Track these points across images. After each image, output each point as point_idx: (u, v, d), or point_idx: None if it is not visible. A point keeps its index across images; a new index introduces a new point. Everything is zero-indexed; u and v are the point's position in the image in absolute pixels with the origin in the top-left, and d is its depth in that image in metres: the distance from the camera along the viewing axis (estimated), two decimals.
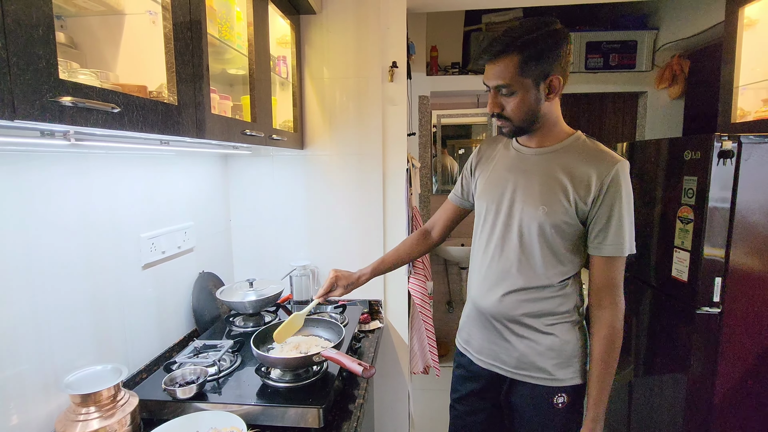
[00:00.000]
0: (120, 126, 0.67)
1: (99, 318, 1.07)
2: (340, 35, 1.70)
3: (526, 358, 1.05)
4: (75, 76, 0.72)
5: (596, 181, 0.95)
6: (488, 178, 1.13)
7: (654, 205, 1.50)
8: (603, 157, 0.97)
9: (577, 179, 0.97)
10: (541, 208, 0.99)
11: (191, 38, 0.87)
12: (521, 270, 1.04)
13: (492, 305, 1.09)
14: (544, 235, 1.00)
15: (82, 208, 1.02)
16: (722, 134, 1.17)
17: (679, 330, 1.37)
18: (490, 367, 1.12)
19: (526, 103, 0.96)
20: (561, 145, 1.02)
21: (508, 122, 1.01)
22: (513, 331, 1.07)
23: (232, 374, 1.17)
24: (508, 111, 0.99)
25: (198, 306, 1.48)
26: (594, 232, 0.98)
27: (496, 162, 1.13)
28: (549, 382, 1.04)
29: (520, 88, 0.95)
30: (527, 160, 1.06)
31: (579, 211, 0.97)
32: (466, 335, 1.20)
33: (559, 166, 1.00)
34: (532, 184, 1.02)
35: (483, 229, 1.13)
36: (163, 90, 0.85)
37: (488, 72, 0.98)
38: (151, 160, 1.29)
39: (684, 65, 2.64)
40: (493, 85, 0.98)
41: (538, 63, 0.92)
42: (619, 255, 0.96)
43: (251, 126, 1.22)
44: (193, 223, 1.50)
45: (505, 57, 0.94)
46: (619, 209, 0.95)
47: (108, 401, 0.91)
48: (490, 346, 1.11)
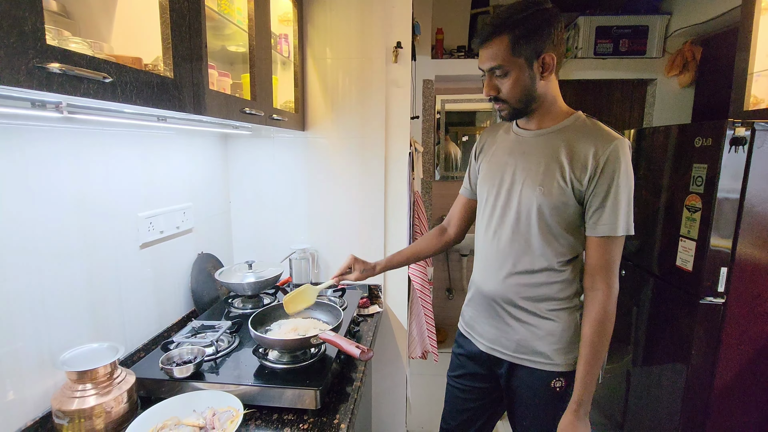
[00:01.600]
0: (113, 97, 0.65)
1: (96, 296, 1.06)
2: (343, 13, 1.65)
3: (525, 342, 1.06)
4: (66, 43, 0.69)
5: (592, 159, 0.93)
6: (489, 163, 1.13)
7: (660, 193, 1.48)
8: (600, 134, 0.95)
9: (575, 158, 0.96)
10: (539, 188, 0.99)
11: (188, 9, 0.84)
12: (520, 252, 1.04)
13: (493, 288, 1.09)
14: (542, 216, 1.00)
15: (77, 185, 1.00)
16: (735, 120, 1.14)
17: (681, 320, 1.36)
18: (491, 351, 1.12)
19: (521, 83, 0.96)
20: (560, 126, 1.01)
21: (505, 104, 1.01)
22: (513, 315, 1.07)
23: (230, 355, 1.17)
24: (503, 93, 0.99)
25: (197, 287, 1.47)
26: (590, 211, 0.97)
27: (497, 147, 1.13)
28: (548, 366, 1.05)
29: (514, 68, 0.95)
30: (526, 143, 1.05)
31: (575, 190, 0.96)
32: (468, 318, 1.20)
33: (557, 147, 0.99)
34: (531, 166, 1.02)
35: (484, 213, 1.13)
36: (159, 63, 0.82)
37: (481, 56, 0.99)
38: (149, 138, 1.27)
39: (696, 52, 2.57)
40: (487, 68, 0.98)
41: (530, 42, 0.92)
42: (614, 234, 0.94)
43: (251, 104, 1.19)
44: (192, 204, 1.49)
45: (496, 38, 0.94)
46: (616, 188, 0.93)
47: (104, 379, 0.91)
48: (491, 330, 1.12)
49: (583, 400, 0.99)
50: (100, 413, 0.89)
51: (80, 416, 0.87)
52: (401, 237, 1.76)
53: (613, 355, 1.87)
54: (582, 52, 2.72)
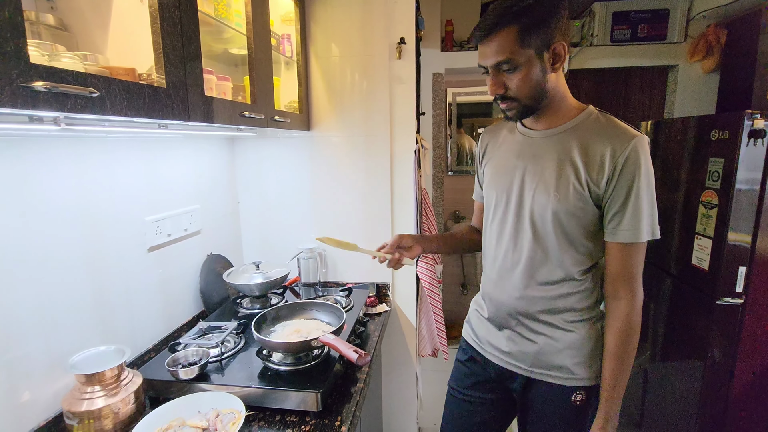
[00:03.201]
0: (101, 111, 0.66)
1: (105, 300, 1.10)
2: (346, 10, 1.63)
3: (544, 356, 1.00)
4: (58, 59, 0.71)
5: (610, 160, 0.87)
6: (496, 166, 1.06)
7: (676, 189, 1.41)
8: (617, 132, 0.89)
9: (590, 159, 0.89)
10: (554, 194, 0.92)
11: (180, 17, 0.84)
12: (537, 262, 0.97)
13: (509, 301, 1.03)
14: (559, 223, 0.93)
15: (82, 192, 1.02)
16: (754, 112, 1.07)
17: (697, 320, 1.30)
18: (504, 364, 1.06)
19: (532, 77, 0.88)
20: (571, 124, 0.94)
21: (514, 103, 0.92)
22: (531, 328, 1.01)
23: (236, 356, 1.19)
24: (513, 90, 0.90)
25: (206, 288, 1.50)
26: (609, 215, 0.90)
27: (503, 149, 1.06)
28: (568, 381, 0.99)
29: (523, 61, 0.86)
30: (536, 144, 0.98)
31: (593, 194, 0.89)
32: (476, 329, 1.14)
33: (571, 147, 0.92)
34: (543, 169, 0.94)
35: (493, 220, 1.06)
36: (152, 72, 0.83)
37: (484, 51, 0.89)
38: (154, 143, 1.29)
39: (721, 35, 2.44)
40: (492, 63, 0.89)
41: (539, 30, 0.85)
42: (636, 241, 0.88)
43: (250, 108, 1.19)
44: (200, 206, 1.51)
45: (502, 30, 0.85)
46: (637, 190, 0.86)
47: (112, 380, 0.94)
48: (506, 343, 1.05)
49: (610, 415, 0.95)
50: (108, 414, 0.92)
51: (89, 417, 0.90)
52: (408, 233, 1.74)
53: None
54: (598, 39, 2.62)
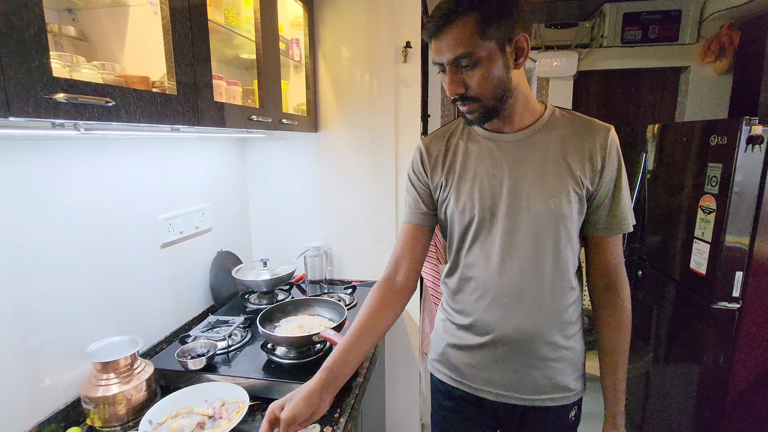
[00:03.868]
0: (116, 118, 0.71)
1: (120, 293, 1.16)
2: (353, 15, 1.68)
3: (548, 381, 0.91)
4: (78, 70, 0.76)
5: (598, 153, 0.84)
6: (463, 181, 0.91)
7: (679, 192, 1.42)
8: (593, 126, 0.86)
9: (580, 156, 0.84)
10: (552, 201, 0.84)
11: (190, 27, 0.89)
12: (544, 282, 0.87)
13: (513, 332, 0.89)
14: (560, 230, 0.85)
15: (98, 190, 1.09)
16: (752, 118, 1.08)
17: (694, 324, 1.31)
18: (502, 399, 0.93)
19: (494, 73, 0.79)
20: (542, 122, 0.87)
21: (476, 104, 0.82)
22: (539, 354, 0.90)
23: (242, 349, 1.24)
24: (473, 88, 0.80)
25: (215, 283, 1.56)
26: (601, 210, 0.86)
27: (464, 159, 0.92)
28: (567, 399, 0.94)
29: (485, 55, 0.77)
30: (513, 148, 0.87)
31: (587, 191, 0.85)
32: (463, 366, 0.97)
33: (555, 146, 0.85)
34: (532, 176, 0.85)
35: (474, 244, 0.91)
36: (165, 80, 0.88)
37: (439, 45, 0.79)
38: (167, 144, 1.35)
39: (734, 36, 2.41)
40: (450, 59, 0.78)
41: (500, 21, 0.76)
42: (629, 230, 0.87)
43: (258, 112, 1.24)
44: (211, 204, 1.57)
45: (459, 20, 0.76)
46: (621, 180, 0.85)
47: (125, 369, 1.00)
48: (507, 376, 0.92)
49: (620, 410, 0.93)
50: (122, 400, 0.98)
51: (104, 402, 0.96)
52: None
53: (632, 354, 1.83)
54: (608, 40, 2.61)
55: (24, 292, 0.90)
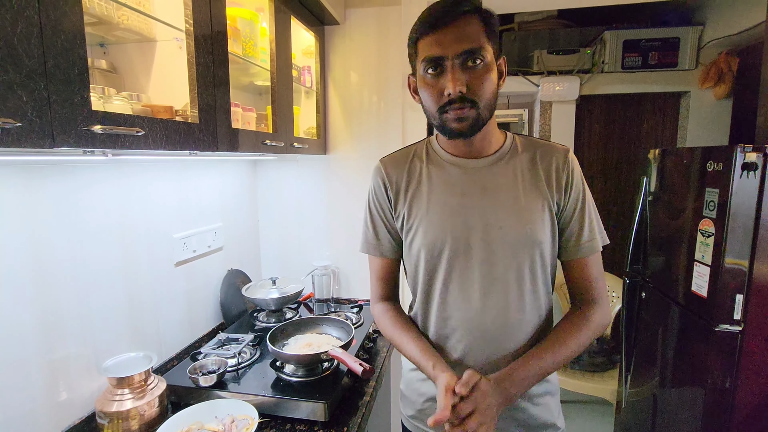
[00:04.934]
0: (145, 146, 0.77)
1: (135, 310, 1.20)
2: (363, 44, 1.76)
3: (533, 419, 0.88)
4: (110, 101, 0.82)
5: (563, 175, 0.84)
6: (431, 212, 0.86)
7: (678, 216, 1.45)
8: (552, 148, 0.87)
9: (546, 178, 0.84)
10: (527, 227, 0.82)
11: (212, 62, 0.96)
12: (525, 313, 0.84)
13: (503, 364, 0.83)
14: (537, 256, 0.83)
15: (120, 211, 1.14)
16: (746, 145, 1.12)
17: (697, 347, 1.32)
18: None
19: (493, 80, 0.77)
20: (506, 148, 0.87)
21: (472, 110, 0.76)
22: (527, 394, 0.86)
23: (252, 366, 1.27)
24: (475, 89, 0.75)
25: (226, 301, 1.60)
26: (569, 232, 0.85)
27: (432, 188, 0.87)
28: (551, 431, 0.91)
29: (489, 58, 0.76)
30: (482, 174, 0.85)
31: (555, 214, 0.84)
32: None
33: (521, 171, 0.84)
34: (505, 202, 0.83)
35: (451, 274, 0.85)
36: (187, 109, 0.95)
37: (444, 38, 0.74)
38: (184, 166, 1.41)
39: (732, 62, 2.47)
40: (457, 51, 0.74)
41: (494, 34, 0.77)
42: (598, 250, 0.85)
43: (272, 137, 1.30)
44: (223, 224, 1.62)
45: (468, 16, 0.74)
46: (585, 200, 0.85)
47: (139, 385, 1.03)
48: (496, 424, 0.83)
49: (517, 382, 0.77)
50: (135, 415, 1.01)
51: (118, 417, 0.99)
52: None
53: (639, 376, 1.82)
54: (608, 66, 2.68)
55: (48, 306, 0.94)
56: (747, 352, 1.20)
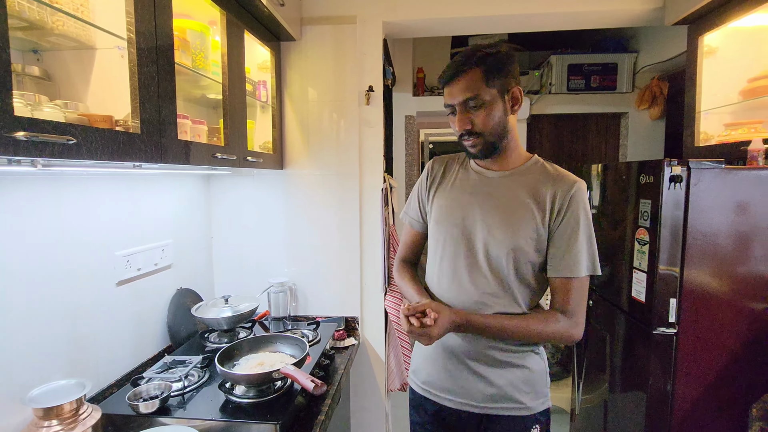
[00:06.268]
0: (77, 156, 0.72)
1: (70, 335, 1.11)
2: (319, 61, 1.77)
3: (501, 392, 1.01)
4: (40, 109, 0.78)
5: (558, 202, 0.97)
6: (447, 199, 1.08)
7: (618, 226, 1.54)
8: (562, 178, 0.99)
9: (540, 202, 0.98)
10: (510, 233, 0.97)
11: (157, 71, 0.93)
12: (491, 301, 1.00)
13: (462, 341, 1.03)
14: (513, 259, 0.98)
15: (54, 227, 1.07)
16: (672, 159, 1.22)
17: (639, 350, 1.39)
18: (461, 406, 1.04)
19: (496, 114, 0.97)
20: (523, 168, 1.03)
21: (479, 139, 0.98)
22: (486, 365, 1.02)
23: (200, 390, 1.20)
24: (478, 125, 0.97)
25: (173, 322, 1.51)
26: (553, 251, 0.97)
27: (454, 183, 1.09)
28: (524, 412, 1.02)
29: (489, 99, 0.96)
30: (491, 183, 1.04)
31: (541, 233, 0.97)
32: (426, 376, 1.10)
33: (523, 189, 1.00)
34: (498, 209, 1.00)
35: (444, 257, 1.06)
36: (128, 119, 0.91)
37: (452, 90, 0.98)
38: (130, 180, 1.35)
39: (663, 87, 2.70)
40: (461, 100, 0.97)
41: (500, 73, 0.96)
42: (576, 275, 0.95)
43: (223, 150, 1.28)
44: (172, 241, 1.55)
45: (469, 71, 0.96)
46: (578, 229, 0.95)
47: (70, 415, 0.95)
48: (460, 384, 1.04)
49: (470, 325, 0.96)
50: None
51: None
52: (376, 268, 1.82)
53: (591, 383, 1.89)
54: (555, 87, 2.86)
55: None
56: (682, 352, 1.28)
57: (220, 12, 1.28)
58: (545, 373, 1.06)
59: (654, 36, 2.73)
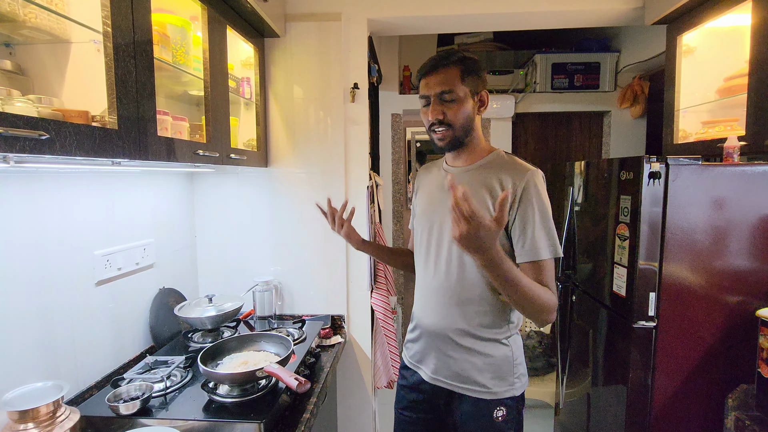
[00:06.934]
0: (50, 151, 0.71)
1: (47, 336, 1.08)
2: (304, 58, 1.76)
3: (465, 373, 1.10)
4: (11, 103, 0.76)
5: (514, 190, 1.02)
6: (425, 198, 1.22)
7: (600, 222, 1.57)
8: (516, 167, 1.06)
9: (496, 191, 1.04)
10: None
11: (135, 65, 0.92)
12: (456, 284, 1.10)
13: (433, 321, 1.14)
14: None
15: (30, 226, 1.04)
16: (650, 156, 1.24)
17: (619, 344, 1.42)
18: (434, 381, 1.15)
19: (466, 110, 1.06)
20: (484, 161, 1.12)
21: (449, 130, 1.07)
22: (453, 346, 1.11)
23: (182, 390, 1.19)
24: (450, 117, 1.06)
25: (156, 322, 1.49)
26: (515, 239, 1.03)
27: (431, 185, 1.22)
28: (488, 395, 1.09)
29: (462, 95, 1.05)
30: (456, 178, 1.12)
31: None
32: (414, 351, 1.23)
33: (483, 180, 1.08)
34: None
35: (421, 248, 1.19)
36: (105, 115, 0.89)
37: (430, 82, 1.07)
38: (109, 178, 1.32)
39: (644, 86, 2.75)
40: (437, 92, 1.05)
41: (472, 77, 1.06)
42: (538, 258, 1.00)
43: (205, 146, 1.26)
44: (154, 240, 1.52)
45: (447, 67, 1.06)
46: (534, 214, 1.01)
47: (46, 417, 0.92)
48: (434, 361, 1.15)
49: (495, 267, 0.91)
50: None
51: None
52: (362, 266, 1.81)
53: (574, 377, 1.92)
54: (540, 86, 2.89)
55: None
56: (661, 345, 1.31)
57: (201, 7, 1.26)
58: (511, 362, 1.10)
59: (635, 36, 2.78)
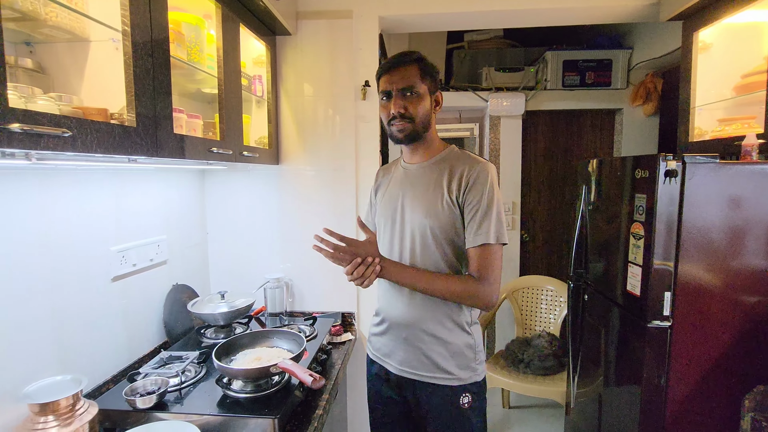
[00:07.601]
0: (72, 148, 0.72)
1: (65, 330, 1.10)
2: (315, 55, 1.76)
3: (432, 361, 1.14)
4: (34, 101, 0.77)
5: (465, 179, 1.11)
6: (385, 195, 1.27)
7: (614, 221, 1.55)
8: (469, 160, 1.15)
9: (452, 180, 1.13)
10: (427, 212, 1.13)
11: (152, 63, 0.93)
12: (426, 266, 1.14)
13: (398, 313, 1.19)
14: (434, 236, 1.13)
15: (49, 222, 1.05)
16: (667, 154, 1.23)
17: (633, 343, 1.41)
18: (401, 373, 1.19)
19: (425, 106, 1.14)
20: (439, 157, 1.19)
21: (410, 123, 1.13)
22: (420, 336, 1.16)
23: (197, 385, 1.20)
24: (411, 110, 1.12)
25: (169, 318, 1.51)
26: (466, 224, 1.11)
27: (391, 182, 1.28)
28: (453, 382, 1.13)
29: (422, 92, 1.13)
30: (413, 174, 1.20)
31: (455, 209, 1.12)
32: (378, 344, 1.27)
33: (438, 173, 1.15)
34: (418, 194, 1.16)
35: (384, 241, 1.23)
36: (124, 112, 0.90)
37: (392, 78, 1.13)
38: (124, 175, 1.34)
39: (657, 83, 2.72)
40: (399, 87, 1.12)
41: (430, 76, 1.15)
42: (487, 242, 1.07)
43: (219, 144, 1.27)
44: (167, 236, 1.54)
45: (410, 65, 1.13)
46: (483, 201, 1.09)
47: (66, 410, 0.94)
48: (400, 353, 1.19)
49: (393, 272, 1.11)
50: None
51: None
52: None
53: (586, 377, 1.90)
54: (551, 84, 2.86)
55: None
56: (676, 345, 1.30)
57: (215, 5, 1.27)
58: (474, 349, 1.16)
59: (648, 32, 2.74)
